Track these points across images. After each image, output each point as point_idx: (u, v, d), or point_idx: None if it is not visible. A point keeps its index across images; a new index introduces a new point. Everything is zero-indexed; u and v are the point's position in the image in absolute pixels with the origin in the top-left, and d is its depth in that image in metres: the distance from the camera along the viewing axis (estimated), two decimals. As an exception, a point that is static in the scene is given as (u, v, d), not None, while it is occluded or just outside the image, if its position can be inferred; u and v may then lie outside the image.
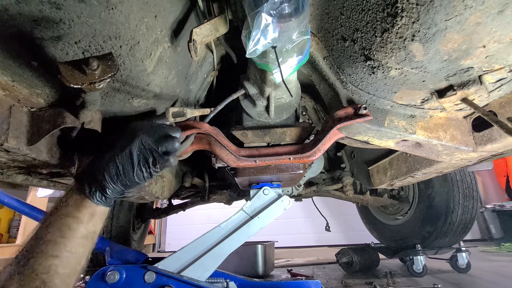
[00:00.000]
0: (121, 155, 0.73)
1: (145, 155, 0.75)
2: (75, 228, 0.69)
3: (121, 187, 0.74)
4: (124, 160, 0.73)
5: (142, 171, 0.75)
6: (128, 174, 0.73)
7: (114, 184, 0.73)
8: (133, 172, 0.74)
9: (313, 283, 1.14)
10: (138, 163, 0.74)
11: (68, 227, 0.69)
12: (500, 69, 0.71)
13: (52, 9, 0.54)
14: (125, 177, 0.73)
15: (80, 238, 0.70)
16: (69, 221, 0.69)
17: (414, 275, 2.12)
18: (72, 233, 0.69)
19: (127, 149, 0.73)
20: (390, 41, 0.66)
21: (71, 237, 0.68)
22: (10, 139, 0.71)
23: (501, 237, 4.40)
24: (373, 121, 0.90)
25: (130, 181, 0.74)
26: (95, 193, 0.71)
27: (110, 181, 0.72)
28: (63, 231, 0.68)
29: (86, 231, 0.71)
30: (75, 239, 0.69)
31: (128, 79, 0.76)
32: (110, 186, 0.72)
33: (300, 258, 3.44)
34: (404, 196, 2.43)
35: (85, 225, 0.71)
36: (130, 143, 0.74)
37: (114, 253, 1.17)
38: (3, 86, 0.69)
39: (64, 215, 0.70)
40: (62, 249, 0.67)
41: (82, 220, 0.70)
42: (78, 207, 0.71)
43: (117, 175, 0.73)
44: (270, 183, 1.22)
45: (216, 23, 0.80)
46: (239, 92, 0.98)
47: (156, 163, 0.76)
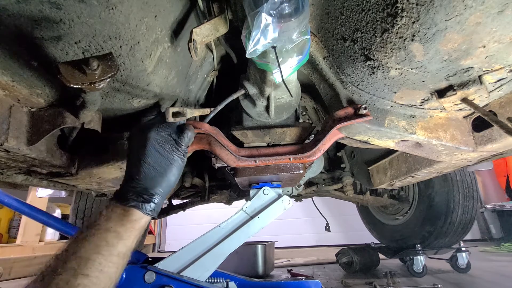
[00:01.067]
0: (145, 153, 0.72)
1: (166, 140, 0.75)
2: (114, 244, 0.63)
3: (167, 186, 0.72)
4: (153, 156, 0.72)
5: (175, 154, 0.74)
6: (165, 166, 0.72)
7: (162, 187, 0.71)
8: (169, 160, 0.73)
9: (313, 283, 1.14)
10: (166, 151, 0.73)
11: (107, 242, 0.62)
12: (500, 69, 0.71)
13: (52, 9, 0.54)
14: (164, 170, 0.71)
15: (116, 256, 0.63)
16: (108, 236, 0.63)
17: (414, 275, 2.12)
18: (110, 250, 0.62)
19: (148, 147, 0.73)
20: (390, 41, 0.66)
21: (108, 254, 0.62)
22: (10, 139, 0.71)
23: (501, 237, 4.41)
24: (373, 121, 0.90)
25: (169, 173, 0.72)
26: (144, 203, 0.68)
27: (153, 183, 0.70)
28: (100, 247, 0.61)
29: (124, 248, 0.65)
30: (111, 257, 0.62)
31: (128, 79, 0.76)
32: (158, 190, 0.70)
33: (300, 258, 3.44)
34: (404, 196, 2.43)
35: (124, 241, 0.65)
36: (146, 141, 0.74)
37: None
38: (3, 86, 0.69)
39: (104, 229, 0.64)
40: (94, 268, 0.60)
41: (123, 235, 0.65)
42: (121, 221, 0.65)
43: (155, 172, 0.71)
44: (270, 183, 1.22)
45: (216, 23, 0.80)
46: (239, 92, 0.98)
47: (179, 140, 0.76)
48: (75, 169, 0.99)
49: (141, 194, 0.69)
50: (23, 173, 1.02)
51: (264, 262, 2.30)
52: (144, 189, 0.69)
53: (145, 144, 0.73)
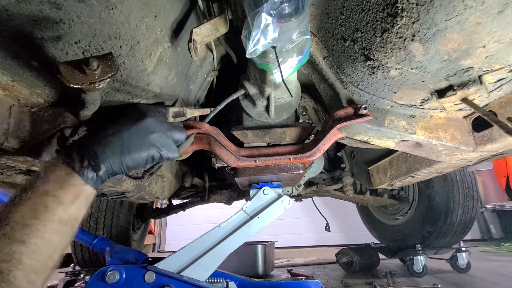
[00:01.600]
0: (129, 131, 0.66)
1: (157, 138, 0.69)
2: (53, 208, 0.56)
3: (118, 166, 0.64)
4: (133, 137, 0.66)
5: (149, 154, 0.68)
6: (133, 153, 0.66)
7: (113, 161, 0.63)
8: (139, 152, 0.66)
9: (313, 283, 1.14)
10: (147, 143, 0.68)
11: (45, 206, 0.55)
12: (500, 69, 0.71)
13: (52, 9, 0.54)
14: (128, 155, 0.65)
15: (57, 222, 0.56)
16: (47, 200, 0.56)
17: (414, 275, 2.12)
18: (49, 215, 0.55)
19: (139, 126, 0.67)
20: (390, 41, 0.66)
21: (47, 219, 0.55)
22: (10, 139, 0.71)
23: (501, 237, 4.41)
24: (373, 121, 0.90)
25: (131, 161, 0.66)
26: (87, 169, 0.60)
27: (109, 156, 0.62)
28: (37, 211, 0.54)
29: (66, 214, 0.57)
30: (51, 223, 0.55)
31: (128, 79, 0.76)
32: (107, 163, 0.62)
33: (300, 258, 3.44)
34: (404, 196, 2.43)
35: (66, 207, 0.57)
36: (141, 120, 0.68)
37: (114, 253, 1.18)
38: (3, 86, 0.69)
39: (42, 193, 0.56)
40: (32, 234, 0.52)
41: (63, 200, 0.57)
42: (60, 184, 0.58)
43: (120, 152, 0.64)
44: (270, 183, 1.22)
45: (216, 23, 0.80)
46: (239, 92, 0.98)
47: (165, 149, 0.71)
48: (75, 169, 0.99)
49: (88, 158, 0.61)
50: (23, 173, 1.02)
51: (264, 262, 2.30)
52: (94, 155, 0.62)
53: (137, 121, 0.68)
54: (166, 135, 0.73)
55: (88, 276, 1.92)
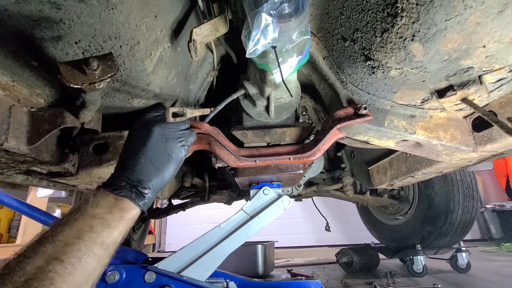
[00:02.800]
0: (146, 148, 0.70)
1: (171, 137, 0.74)
2: (98, 231, 0.56)
3: (161, 181, 0.70)
4: (153, 150, 0.70)
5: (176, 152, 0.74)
6: (163, 162, 0.70)
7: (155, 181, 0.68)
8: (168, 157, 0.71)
9: (313, 283, 1.14)
10: (168, 147, 0.72)
11: (91, 228, 0.55)
12: (500, 69, 0.71)
13: (52, 9, 0.54)
14: (161, 166, 0.69)
15: (99, 246, 0.55)
16: (93, 222, 0.56)
17: (414, 275, 2.12)
18: (93, 237, 0.55)
19: (151, 140, 0.71)
20: (390, 41, 0.66)
21: (90, 241, 0.54)
22: (10, 139, 0.71)
23: (501, 237, 4.41)
24: (373, 121, 0.90)
25: (168, 171, 0.71)
26: (137, 196, 0.64)
27: (148, 177, 0.67)
28: (82, 232, 0.54)
29: (109, 238, 0.58)
30: (93, 245, 0.54)
31: (128, 79, 0.76)
32: (150, 184, 0.67)
33: (300, 258, 3.44)
34: (404, 196, 2.43)
35: (110, 230, 0.58)
36: (150, 134, 0.72)
37: (117, 250, 1.17)
38: (3, 86, 0.69)
39: (89, 215, 0.57)
40: (72, 254, 0.51)
41: (110, 224, 0.58)
42: (110, 209, 0.60)
43: (153, 168, 0.68)
44: (270, 183, 1.22)
45: (216, 23, 0.80)
46: (239, 92, 0.98)
47: (184, 140, 0.76)
48: (75, 169, 0.99)
49: (135, 185, 0.65)
50: (23, 173, 1.02)
51: (264, 262, 2.30)
52: (138, 181, 0.66)
53: (148, 137, 0.72)
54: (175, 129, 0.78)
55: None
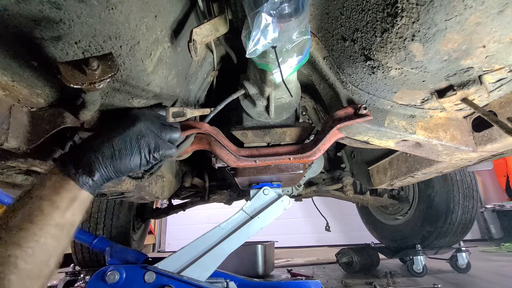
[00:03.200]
0: (120, 137, 0.68)
1: (148, 140, 0.71)
2: (49, 213, 0.57)
3: (112, 172, 0.66)
4: (123, 143, 0.68)
5: (141, 157, 0.70)
6: (124, 158, 0.67)
7: (106, 167, 0.65)
8: (130, 156, 0.68)
9: (313, 283, 1.14)
10: (138, 147, 0.69)
11: (41, 211, 0.56)
12: (500, 69, 0.71)
13: (52, 9, 0.54)
14: (120, 161, 0.67)
15: (54, 226, 0.57)
16: (43, 204, 0.57)
17: (414, 275, 2.12)
18: (45, 219, 0.56)
19: (128, 132, 0.69)
20: (390, 41, 0.66)
21: (43, 223, 0.55)
22: (10, 139, 0.71)
23: (501, 237, 4.41)
24: (373, 121, 0.90)
25: (124, 166, 0.68)
26: (81, 175, 0.62)
27: (101, 163, 0.64)
28: (33, 216, 0.55)
29: (62, 219, 0.58)
30: (47, 227, 0.56)
31: (128, 79, 0.76)
32: (101, 170, 0.64)
33: (300, 258, 3.44)
34: (404, 196, 2.43)
35: (62, 211, 0.58)
36: (132, 126, 0.70)
37: (114, 253, 1.18)
38: (3, 86, 0.69)
39: (38, 197, 0.57)
40: (28, 238, 0.53)
41: (60, 205, 0.58)
42: (56, 189, 0.59)
43: (111, 158, 0.65)
44: (270, 183, 1.22)
45: (216, 23, 0.80)
46: (239, 92, 0.98)
47: (158, 150, 0.72)
48: (75, 169, 0.99)
49: (82, 165, 0.63)
50: (23, 173, 1.02)
51: (264, 262, 2.30)
52: (88, 163, 0.63)
53: (126, 128, 0.70)
54: (159, 136, 0.74)
55: (88, 276, 1.92)
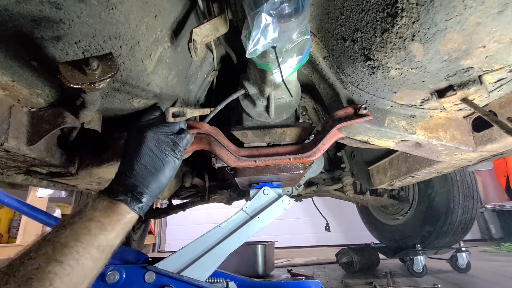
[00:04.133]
0: (142, 153, 0.72)
1: (165, 141, 0.75)
2: (95, 234, 0.59)
3: (157, 186, 0.72)
4: (148, 156, 0.72)
5: (171, 159, 0.74)
6: (158, 168, 0.72)
7: (151, 186, 0.70)
8: (162, 162, 0.73)
9: (313, 283, 1.14)
10: (162, 152, 0.73)
11: (89, 231, 0.58)
12: (500, 69, 0.71)
13: (52, 9, 0.54)
14: (156, 171, 0.71)
15: (96, 248, 0.58)
16: (91, 225, 0.59)
17: (414, 275, 2.12)
18: (90, 240, 0.58)
19: (146, 145, 0.73)
20: (390, 41, 0.66)
21: (87, 243, 0.57)
22: (10, 139, 0.71)
23: (501, 237, 4.41)
24: (373, 121, 0.90)
25: (163, 175, 0.72)
26: (132, 200, 0.67)
27: (144, 182, 0.69)
28: (80, 235, 0.57)
29: (105, 241, 0.61)
30: (90, 248, 0.57)
31: (128, 79, 0.76)
32: (147, 189, 0.69)
33: (300, 258, 3.44)
34: (404, 196, 2.43)
35: (107, 233, 0.61)
36: (144, 139, 0.74)
37: (114, 253, 1.17)
38: (3, 86, 0.69)
39: (87, 218, 0.61)
40: (70, 256, 0.54)
41: (106, 227, 0.61)
42: (106, 212, 0.63)
43: (149, 174, 0.70)
44: (270, 183, 1.22)
45: (216, 23, 0.80)
46: (239, 92, 0.98)
47: (178, 144, 0.76)
48: (75, 169, 0.99)
49: (130, 190, 0.68)
50: (23, 173, 1.02)
51: (264, 262, 2.30)
52: (133, 186, 0.69)
53: (141, 143, 0.74)
54: (169, 132, 0.78)
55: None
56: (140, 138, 0.75)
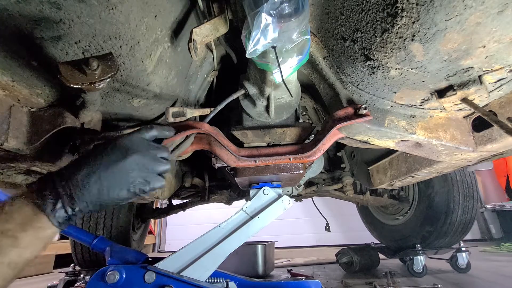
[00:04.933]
0: (109, 171, 0.62)
1: (139, 175, 0.65)
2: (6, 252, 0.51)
3: (95, 206, 0.61)
4: (112, 178, 0.62)
5: (129, 192, 0.64)
6: (111, 193, 0.62)
7: (89, 202, 0.59)
8: (118, 192, 0.62)
9: (313, 283, 1.14)
10: (127, 183, 0.64)
11: None
12: (500, 69, 0.71)
13: (52, 9, 0.54)
14: (107, 196, 0.61)
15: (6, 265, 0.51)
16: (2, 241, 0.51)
17: (414, 275, 2.12)
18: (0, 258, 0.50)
19: (119, 166, 0.63)
20: (390, 41, 0.66)
21: None
22: (10, 139, 0.71)
23: (501, 237, 4.40)
24: (373, 121, 0.90)
25: (110, 200, 0.62)
26: (59, 211, 0.56)
27: (86, 198, 0.59)
28: None
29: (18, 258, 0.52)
30: None
31: (128, 79, 0.76)
32: (83, 204, 0.58)
33: (300, 258, 3.44)
34: (404, 196, 2.43)
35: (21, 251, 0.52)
36: (123, 160, 0.63)
37: (114, 253, 1.17)
38: (3, 86, 0.69)
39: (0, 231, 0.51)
40: None
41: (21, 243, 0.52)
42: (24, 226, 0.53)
43: (98, 194, 0.60)
44: (270, 183, 1.22)
45: (216, 23, 0.80)
46: (239, 92, 0.98)
47: (147, 185, 0.67)
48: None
49: (62, 200, 0.57)
50: (23, 173, 1.02)
51: (264, 262, 2.30)
52: (70, 197, 0.57)
53: (116, 163, 0.63)
54: (149, 170, 0.68)
55: (88, 276, 1.92)
56: (119, 157, 0.64)
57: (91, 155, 0.64)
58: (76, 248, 2.17)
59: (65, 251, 3.17)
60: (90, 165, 0.61)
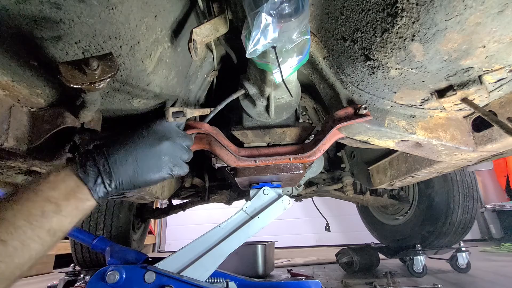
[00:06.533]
0: (144, 153, 0.67)
1: (170, 160, 0.71)
2: (49, 217, 0.54)
3: (128, 185, 0.65)
4: (147, 160, 0.67)
5: (160, 175, 0.70)
6: (145, 175, 0.67)
7: (125, 181, 0.64)
8: (153, 174, 0.68)
9: (313, 283, 1.14)
10: (159, 166, 0.69)
11: (42, 212, 0.53)
12: (500, 69, 0.71)
13: (52, 9, 0.54)
14: (141, 177, 0.66)
15: (46, 231, 0.53)
16: (46, 206, 0.54)
17: (414, 275, 2.12)
18: (42, 222, 0.53)
19: (155, 150, 0.69)
20: (390, 41, 0.66)
21: (38, 226, 0.52)
22: (10, 139, 0.71)
23: (501, 237, 4.41)
24: (373, 121, 0.90)
25: (143, 181, 0.68)
26: (99, 186, 0.61)
27: (122, 176, 0.63)
28: (32, 216, 0.52)
29: (58, 225, 0.55)
30: (40, 231, 0.52)
31: (128, 79, 0.76)
32: (119, 182, 0.63)
33: (300, 258, 3.44)
34: (404, 196, 2.43)
35: (62, 218, 0.56)
36: (158, 144, 0.70)
37: (114, 253, 1.17)
38: (3, 86, 0.69)
39: (43, 197, 0.54)
40: (15, 236, 0.49)
41: (62, 211, 0.56)
42: (67, 194, 0.57)
43: (133, 174, 0.65)
44: (270, 183, 1.22)
45: (216, 23, 0.80)
46: (239, 92, 0.98)
47: (176, 171, 0.73)
48: (75, 169, 0.99)
49: (103, 175, 0.61)
50: (23, 173, 1.02)
51: (264, 262, 2.30)
52: (109, 173, 0.62)
53: (153, 146, 0.69)
54: (177, 156, 0.74)
55: (88, 276, 1.92)
56: (155, 141, 0.70)
57: (128, 137, 0.69)
58: (76, 248, 2.17)
59: (65, 251, 3.17)
60: (128, 147, 0.66)
